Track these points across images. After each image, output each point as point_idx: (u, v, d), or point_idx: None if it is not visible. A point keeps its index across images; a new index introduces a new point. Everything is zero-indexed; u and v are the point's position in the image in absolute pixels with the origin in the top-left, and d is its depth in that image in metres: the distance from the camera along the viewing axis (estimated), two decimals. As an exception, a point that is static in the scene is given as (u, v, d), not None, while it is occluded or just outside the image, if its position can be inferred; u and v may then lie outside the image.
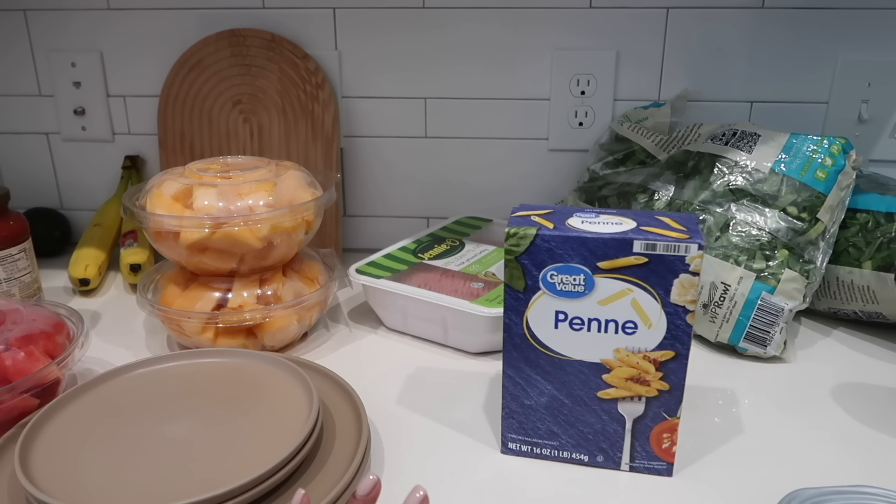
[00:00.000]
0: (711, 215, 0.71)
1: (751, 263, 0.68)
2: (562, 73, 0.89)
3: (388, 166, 0.96)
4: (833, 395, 0.63)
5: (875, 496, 0.46)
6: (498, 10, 0.88)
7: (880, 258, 0.69)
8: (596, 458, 0.53)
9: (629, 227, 0.48)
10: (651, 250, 0.47)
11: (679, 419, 0.51)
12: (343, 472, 0.49)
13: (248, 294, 0.68)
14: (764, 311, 0.67)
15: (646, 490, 0.51)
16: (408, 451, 0.56)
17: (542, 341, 0.50)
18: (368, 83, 0.92)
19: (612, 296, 0.48)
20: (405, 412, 0.61)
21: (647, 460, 0.52)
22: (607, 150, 0.86)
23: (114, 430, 0.51)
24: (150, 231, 0.67)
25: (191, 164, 0.71)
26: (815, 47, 0.86)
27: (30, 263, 0.78)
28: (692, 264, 0.46)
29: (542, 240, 0.48)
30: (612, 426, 0.52)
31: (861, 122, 0.88)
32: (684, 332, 0.48)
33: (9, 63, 0.95)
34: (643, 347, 0.49)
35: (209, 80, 0.91)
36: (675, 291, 0.47)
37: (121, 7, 0.91)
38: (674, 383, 0.50)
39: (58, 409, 0.53)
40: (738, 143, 0.73)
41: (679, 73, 0.88)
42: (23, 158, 0.99)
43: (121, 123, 0.97)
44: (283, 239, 0.68)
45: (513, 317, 0.50)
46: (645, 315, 0.48)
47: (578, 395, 0.51)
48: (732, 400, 0.63)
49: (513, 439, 0.54)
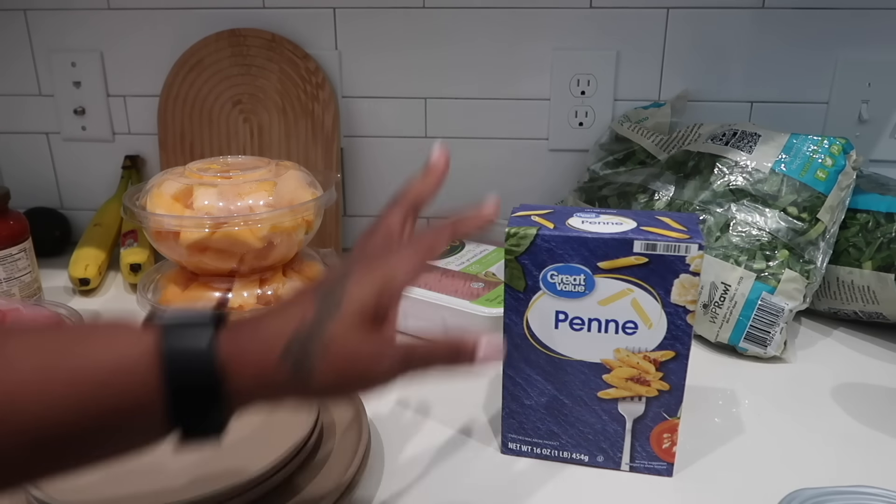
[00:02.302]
0: (711, 215, 0.71)
1: (751, 263, 0.68)
2: (562, 73, 0.89)
3: (388, 166, 0.96)
4: (833, 395, 0.63)
5: (875, 496, 0.46)
6: (498, 10, 0.88)
7: (880, 258, 0.69)
8: (596, 458, 0.53)
9: (629, 227, 0.48)
10: (651, 250, 0.47)
11: (679, 419, 0.51)
12: (343, 472, 0.49)
13: (248, 294, 0.68)
14: (764, 311, 0.67)
15: (645, 490, 0.51)
16: (408, 452, 0.56)
17: (543, 341, 0.50)
18: (368, 83, 0.92)
19: (612, 296, 0.48)
20: (405, 412, 0.61)
21: (647, 460, 0.52)
22: (607, 150, 0.86)
23: (114, 430, 0.51)
24: (151, 231, 0.67)
25: (191, 164, 0.71)
26: (815, 47, 0.86)
27: (30, 263, 0.78)
28: (692, 264, 0.46)
29: (543, 240, 0.48)
30: (612, 426, 0.52)
31: (861, 123, 0.88)
32: (684, 332, 0.48)
33: (9, 63, 0.95)
34: (643, 347, 0.49)
35: (209, 80, 0.91)
36: (676, 291, 0.47)
37: (121, 7, 0.91)
38: (674, 383, 0.50)
39: (58, 409, 0.53)
40: (738, 144, 0.73)
41: (679, 73, 0.88)
42: (23, 158, 0.99)
43: (121, 123, 0.97)
44: (283, 239, 0.68)
45: (513, 317, 0.50)
46: (645, 315, 0.48)
47: (579, 395, 0.51)
48: (732, 400, 0.63)
49: (513, 439, 0.54)
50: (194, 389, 0.33)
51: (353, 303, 0.36)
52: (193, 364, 0.33)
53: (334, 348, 0.35)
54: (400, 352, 0.37)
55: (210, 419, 0.34)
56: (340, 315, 0.36)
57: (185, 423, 0.34)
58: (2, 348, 0.33)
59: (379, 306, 0.37)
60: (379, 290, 0.37)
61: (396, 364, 0.37)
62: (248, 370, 0.34)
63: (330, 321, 0.35)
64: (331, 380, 0.35)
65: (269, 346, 0.35)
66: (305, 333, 0.35)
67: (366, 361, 0.36)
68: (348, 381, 0.36)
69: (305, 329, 0.35)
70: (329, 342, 0.35)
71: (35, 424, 0.32)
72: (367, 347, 0.36)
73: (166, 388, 0.33)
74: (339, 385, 0.36)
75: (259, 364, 0.35)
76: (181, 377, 0.33)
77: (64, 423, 0.32)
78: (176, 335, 0.34)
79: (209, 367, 0.33)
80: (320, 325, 0.35)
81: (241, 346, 0.35)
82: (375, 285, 0.37)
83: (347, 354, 0.36)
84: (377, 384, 0.37)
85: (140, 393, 0.33)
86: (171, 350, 0.33)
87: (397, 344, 0.37)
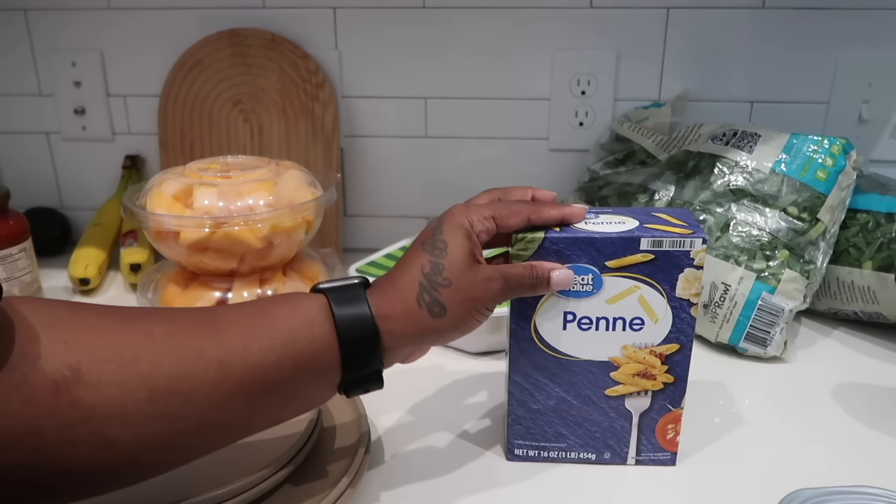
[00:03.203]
0: (712, 215, 0.71)
1: (751, 263, 0.68)
2: (562, 73, 0.89)
3: (388, 166, 0.96)
4: (833, 395, 0.63)
5: (875, 496, 0.46)
6: (498, 9, 0.88)
7: (880, 258, 0.69)
8: (603, 455, 0.53)
9: (632, 225, 0.49)
10: (657, 247, 0.47)
11: (683, 409, 0.52)
12: (343, 472, 0.48)
13: (248, 294, 0.68)
14: (764, 311, 0.67)
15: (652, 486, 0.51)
16: (408, 452, 0.56)
17: (551, 344, 0.50)
18: (368, 83, 0.92)
19: (619, 294, 0.49)
20: (405, 412, 0.61)
21: (652, 452, 0.53)
22: (607, 150, 0.86)
23: (114, 430, 0.51)
24: (151, 231, 0.67)
25: (191, 164, 0.71)
26: (815, 47, 0.86)
27: (30, 263, 0.78)
28: (696, 258, 0.47)
29: (551, 242, 0.48)
30: (619, 422, 0.52)
31: (861, 123, 0.88)
32: (688, 324, 0.49)
33: (9, 63, 0.95)
34: (650, 342, 0.50)
35: (209, 80, 0.91)
36: (681, 286, 0.48)
37: (121, 7, 0.91)
38: (678, 375, 0.51)
39: (58, 409, 0.53)
40: (738, 143, 0.73)
41: (679, 73, 0.88)
42: (23, 158, 0.99)
43: (121, 123, 0.97)
44: (284, 239, 0.68)
45: (520, 321, 0.50)
46: (651, 311, 0.49)
47: (587, 394, 0.52)
48: (732, 400, 0.63)
49: (519, 445, 0.54)
50: (359, 338, 0.42)
51: (455, 245, 0.45)
52: (357, 318, 0.42)
53: (456, 284, 0.44)
54: (502, 276, 0.45)
55: (372, 364, 0.43)
56: (449, 256, 0.44)
57: (354, 368, 0.43)
58: (217, 318, 0.41)
59: (473, 246, 0.45)
60: (469, 235, 0.45)
61: (501, 287, 0.45)
62: (396, 319, 0.43)
63: (444, 262, 0.44)
64: (459, 312, 0.44)
65: (407, 296, 0.44)
66: (430, 278, 0.44)
67: (480, 289, 0.45)
68: (472, 308, 0.45)
69: (428, 275, 0.44)
70: (449, 279, 0.44)
71: (248, 373, 0.39)
72: (478, 276, 0.45)
73: (339, 338, 0.42)
74: (466, 314, 0.45)
75: (403, 312, 0.43)
76: (349, 327, 0.42)
77: (267, 371, 0.40)
78: (340, 296, 0.43)
79: (369, 320, 0.42)
80: (438, 269, 0.44)
81: (387, 300, 0.43)
82: (467, 232, 0.45)
83: (465, 286, 0.44)
84: (491, 306, 0.46)
85: (319, 344, 0.41)
86: (339, 307, 0.42)
87: (499, 272, 0.45)
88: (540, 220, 0.48)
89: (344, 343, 0.42)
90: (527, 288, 0.47)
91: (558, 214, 0.48)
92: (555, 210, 0.48)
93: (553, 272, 0.47)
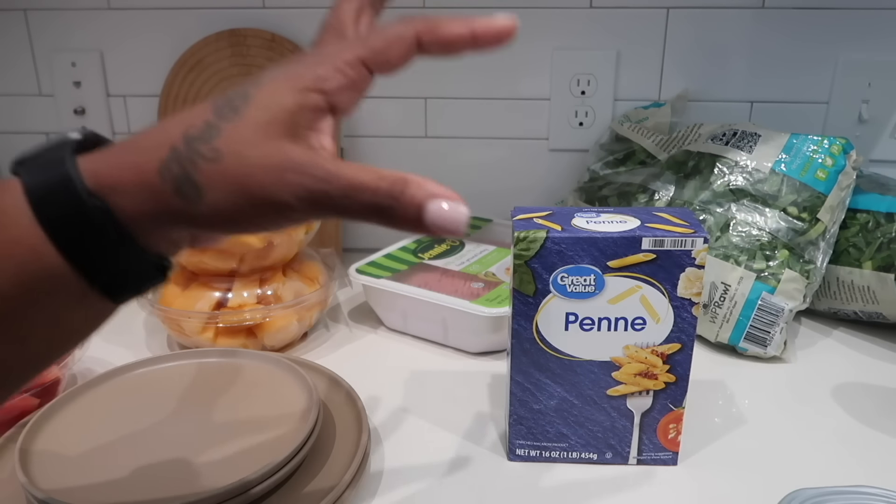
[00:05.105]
0: (712, 215, 0.71)
1: (751, 263, 0.68)
2: (562, 73, 0.89)
3: (388, 166, 0.95)
4: (833, 395, 0.63)
5: (875, 496, 0.46)
6: (498, 9, 0.87)
7: (880, 258, 0.69)
8: (605, 455, 0.53)
9: (634, 224, 0.49)
10: (659, 247, 0.47)
11: (684, 409, 0.52)
12: (343, 472, 0.48)
13: (248, 294, 0.68)
14: (764, 311, 0.67)
15: (653, 485, 0.51)
16: (408, 452, 0.56)
17: (553, 344, 0.50)
18: (368, 83, 0.92)
19: (621, 294, 0.49)
20: (405, 412, 0.61)
21: (653, 452, 0.53)
22: (607, 150, 0.86)
23: (114, 430, 0.51)
24: (150, 231, 0.67)
25: (191, 164, 0.71)
26: (815, 47, 0.86)
27: (30, 263, 0.78)
28: (698, 258, 0.47)
29: (553, 242, 0.48)
30: (620, 422, 0.52)
31: (861, 123, 0.88)
32: (690, 323, 0.49)
33: (9, 63, 0.95)
34: (651, 342, 0.50)
35: (209, 80, 0.91)
36: (682, 285, 0.48)
37: (121, 7, 0.91)
38: (680, 374, 0.51)
39: (58, 409, 0.53)
40: (738, 143, 0.73)
41: (679, 73, 0.88)
42: (23, 158, 0.99)
43: (121, 123, 0.97)
44: (283, 239, 0.68)
45: (522, 322, 0.50)
46: (653, 310, 0.49)
47: (588, 394, 0.52)
48: (732, 400, 0.63)
49: (520, 445, 0.54)
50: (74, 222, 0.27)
51: (260, 105, 0.29)
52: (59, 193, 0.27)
53: (228, 161, 0.28)
54: (315, 176, 0.29)
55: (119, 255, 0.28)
56: (241, 119, 0.29)
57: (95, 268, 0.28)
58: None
59: (298, 112, 0.29)
60: (301, 91, 0.29)
61: (305, 191, 0.29)
62: (125, 191, 0.28)
63: (225, 126, 0.28)
64: (225, 202, 0.28)
65: (145, 162, 0.28)
66: (191, 144, 0.28)
67: (268, 178, 0.28)
68: (247, 203, 0.29)
69: (191, 138, 0.28)
70: (220, 151, 0.28)
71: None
72: (269, 161, 0.28)
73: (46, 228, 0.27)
74: (237, 209, 0.29)
75: (135, 183, 0.28)
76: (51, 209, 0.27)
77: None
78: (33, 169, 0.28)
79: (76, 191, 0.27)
80: (210, 133, 0.28)
81: (113, 164, 0.28)
82: (298, 86, 0.30)
83: (243, 167, 0.28)
84: (282, 213, 0.29)
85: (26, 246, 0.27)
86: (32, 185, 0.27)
87: (315, 165, 0.29)
88: (435, 37, 0.31)
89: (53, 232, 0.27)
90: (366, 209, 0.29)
91: (463, 27, 0.31)
92: (457, 22, 0.31)
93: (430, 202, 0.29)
